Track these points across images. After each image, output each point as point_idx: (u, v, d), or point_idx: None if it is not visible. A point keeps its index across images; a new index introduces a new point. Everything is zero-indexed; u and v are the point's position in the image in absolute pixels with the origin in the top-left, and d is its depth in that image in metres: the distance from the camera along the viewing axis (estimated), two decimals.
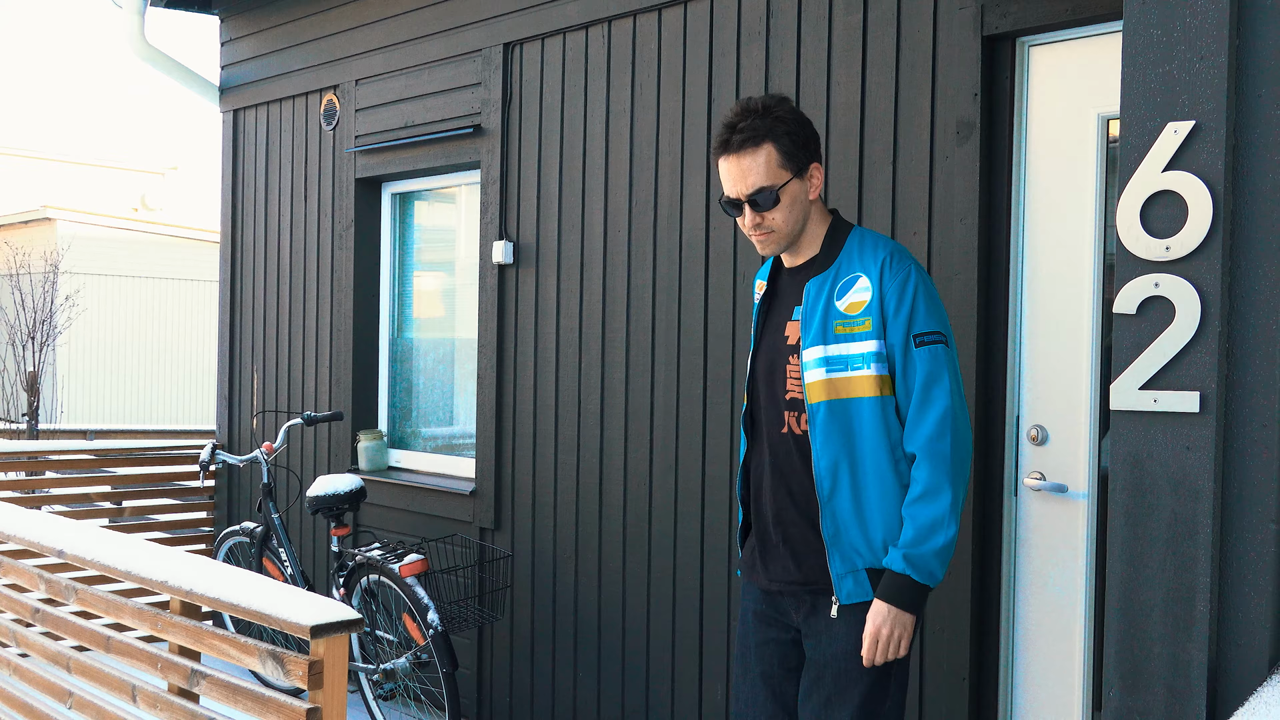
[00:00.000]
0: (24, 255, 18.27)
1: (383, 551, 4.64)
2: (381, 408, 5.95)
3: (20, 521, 3.33)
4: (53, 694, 3.12)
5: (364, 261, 5.90)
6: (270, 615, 2.35)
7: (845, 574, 2.54)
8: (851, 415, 2.53)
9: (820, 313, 2.58)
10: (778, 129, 2.62)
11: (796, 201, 2.64)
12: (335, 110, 5.98)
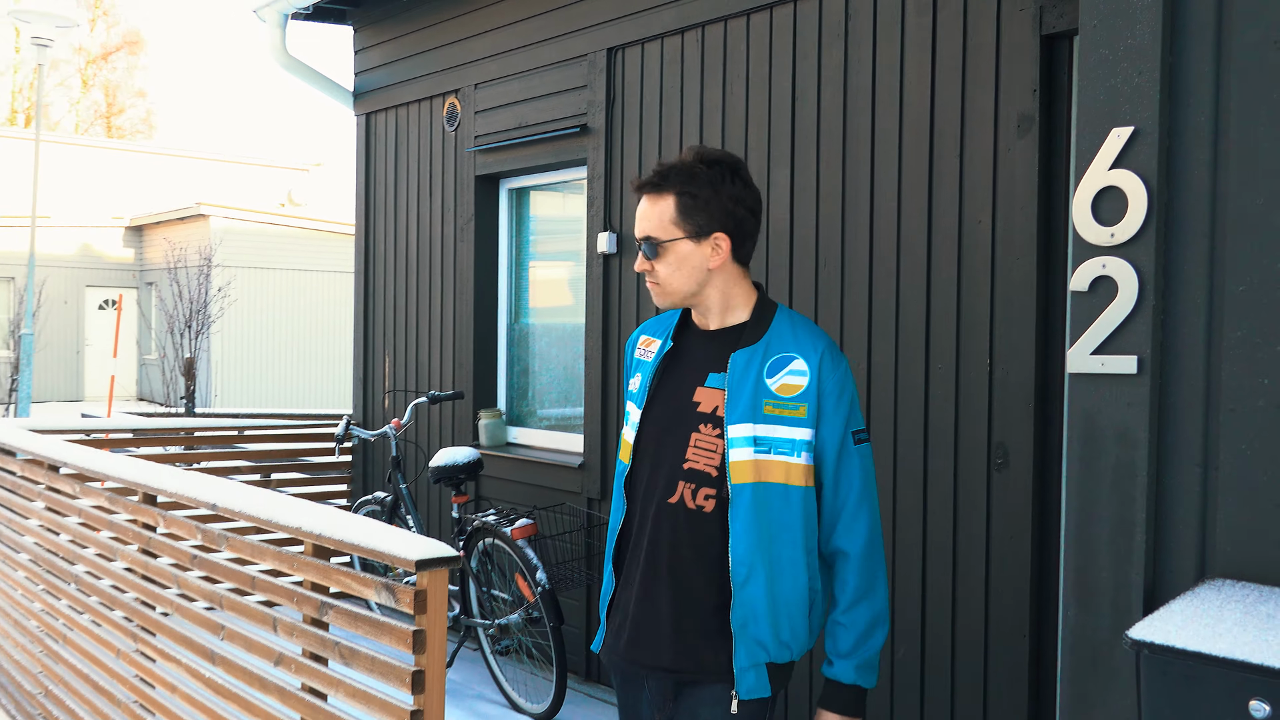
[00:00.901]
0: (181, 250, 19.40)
1: (497, 517, 5.10)
2: (500, 388, 6.43)
3: (179, 480, 3.87)
4: (208, 628, 3.64)
5: (483, 252, 6.38)
6: (384, 552, 2.79)
7: (749, 668, 2.37)
8: (777, 502, 2.37)
9: (750, 388, 2.40)
10: (692, 186, 2.45)
11: (685, 263, 2.45)
12: (457, 112, 6.47)
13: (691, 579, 2.41)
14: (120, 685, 4.17)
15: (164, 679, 3.85)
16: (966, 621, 3.97)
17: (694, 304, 2.51)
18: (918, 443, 4.13)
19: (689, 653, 2.40)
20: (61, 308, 23.75)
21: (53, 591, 4.84)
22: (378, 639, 2.84)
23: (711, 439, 2.42)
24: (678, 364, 2.54)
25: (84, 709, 4.47)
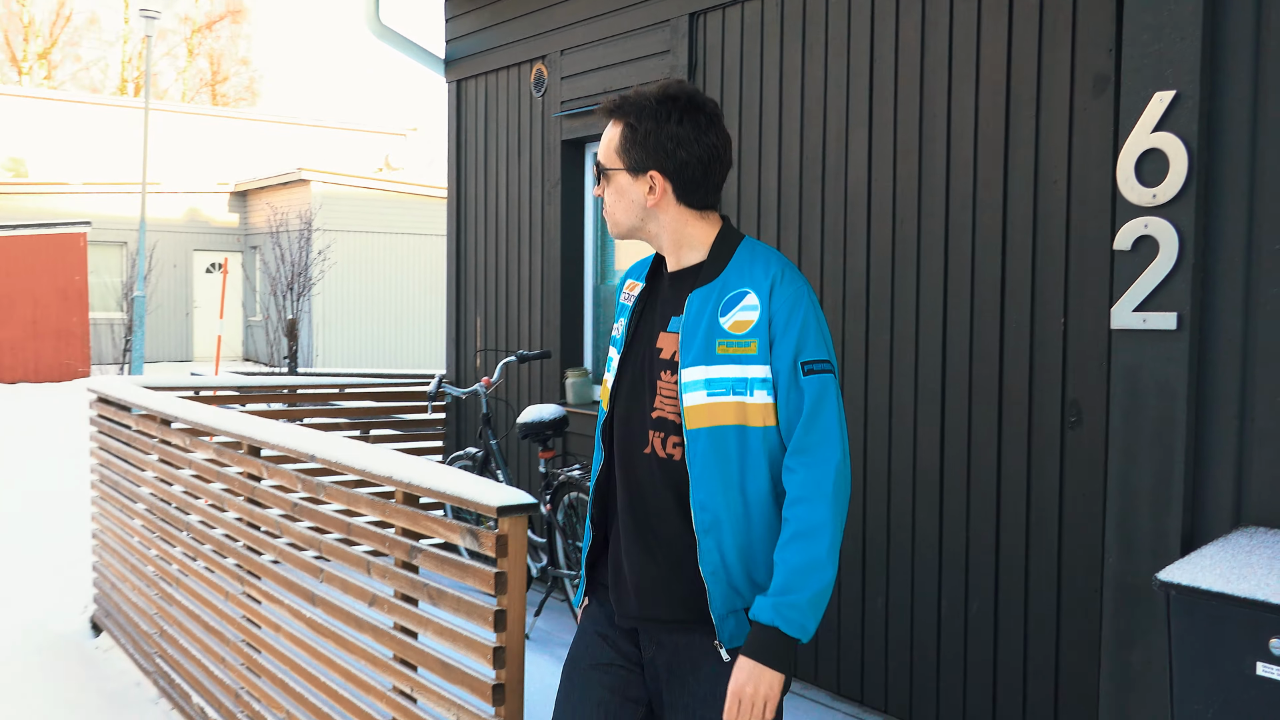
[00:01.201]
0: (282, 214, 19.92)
1: (582, 471, 5.28)
2: (586, 346, 6.60)
3: (282, 433, 4.11)
4: (309, 571, 3.88)
5: (569, 215, 6.53)
6: (468, 499, 2.97)
7: (727, 615, 2.30)
8: (735, 444, 2.30)
9: (704, 329, 2.33)
10: (636, 118, 2.36)
11: (624, 196, 2.40)
12: (544, 79, 6.62)
13: (671, 528, 2.34)
14: (229, 625, 4.45)
15: (269, 619, 4.11)
16: (1039, 578, 4.04)
17: (643, 239, 2.45)
18: (992, 401, 4.20)
19: (674, 603, 2.33)
20: (171, 271, 24.57)
21: (167, 538, 5.15)
22: (463, 581, 3.03)
23: (671, 385, 2.35)
24: (650, 308, 2.47)
25: (195, 647, 4.78)
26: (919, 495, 4.48)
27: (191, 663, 4.79)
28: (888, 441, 4.61)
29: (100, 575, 6.24)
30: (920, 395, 4.48)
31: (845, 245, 4.79)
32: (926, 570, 4.46)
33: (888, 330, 4.60)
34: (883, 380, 4.63)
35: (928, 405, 4.45)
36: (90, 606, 6.46)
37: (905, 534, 4.54)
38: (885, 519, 4.61)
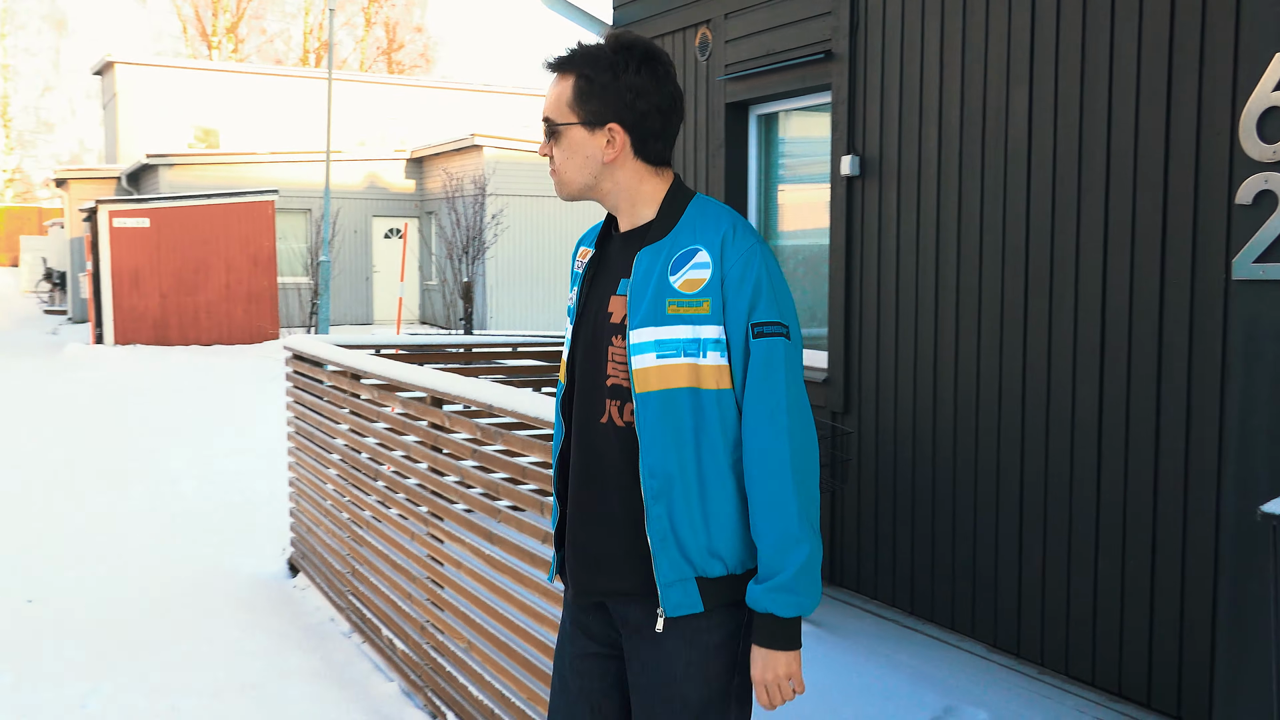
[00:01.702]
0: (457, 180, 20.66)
1: None
2: None
3: (461, 384, 4.50)
4: (488, 512, 4.27)
5: (733, 177, 6.77)
6: None
7: (673, 583, 2.26)
8: (687, 408, 2.25)
9: (652, 289, 2.27)
10: (590, 69, 2.31)
11: (578, 151, 2.33)
12: (708, 43, 6.85)
13: (625, 498, 2.31)
14: (415, 564, 4.90)
15: (451, 557, 4.52)
16: (1196, 533, 4.12)
17: (595, 198, 2.38)
18: (1151, 355, 4.28)
19: (629, 574, 2.31)
20: (351, 237, 25.76)
21: (359, 485, 5.65)
22: None
23: (623, 350, 2.30)
24: (601, 273, 2.42)
25: (384, 585, 5.25)
26: (1077, 450, 4.59)
27: (381, 599, 5.27)
28: (1045, 396, 4.73)
29: (296, 520, 6.83)
30: (1079, 350, 4.58)
31: (1004, 204, 4.90)
32: (1084, 523, 4.57)
33: (1047, 286, 4.71)
34: (1041, 336, 4.74)
35: (1086, 359, 4.55)
36: (287, 549, 7.07)
37: (1063, 488, 4.66)
38: (1043, 473, 4.74)
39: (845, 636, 5.14)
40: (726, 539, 2.27)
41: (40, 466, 9.84)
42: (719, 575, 2.27)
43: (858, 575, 5.77)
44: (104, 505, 8.42)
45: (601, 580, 2.36)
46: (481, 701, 4.15)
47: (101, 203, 19.76)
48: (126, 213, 20.02)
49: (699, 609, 2.25)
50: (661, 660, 2.30)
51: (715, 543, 2.26)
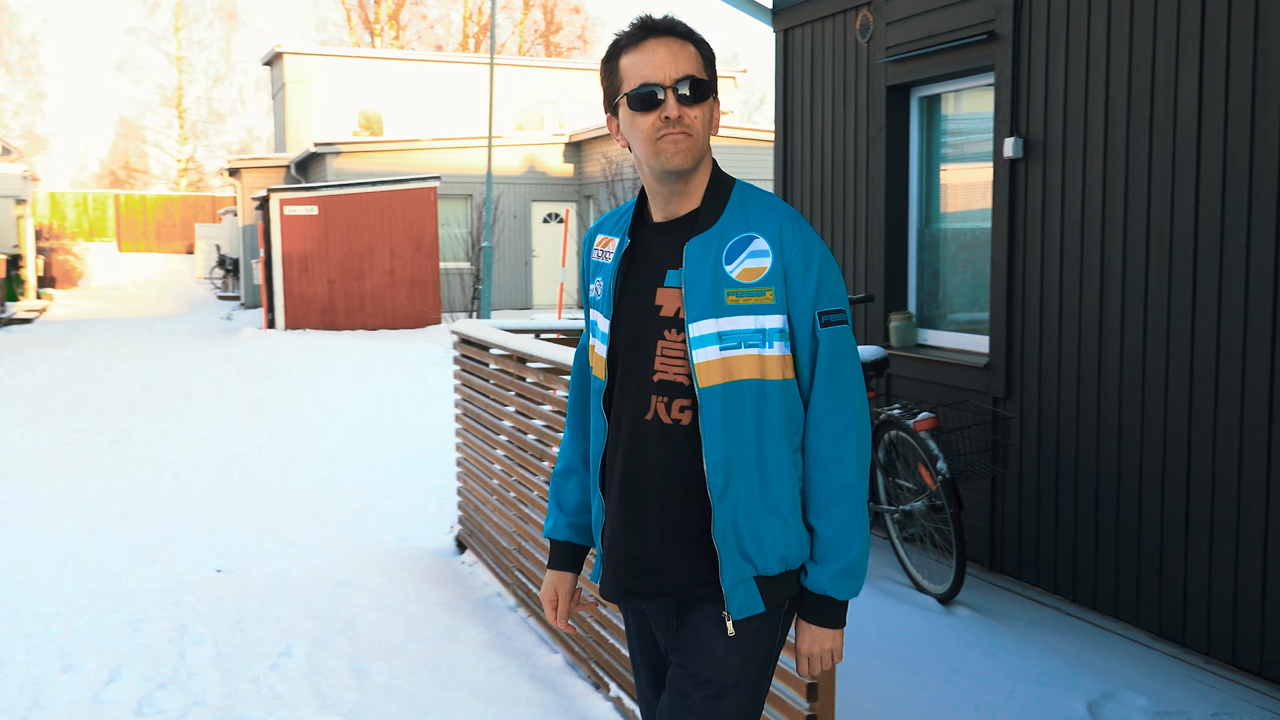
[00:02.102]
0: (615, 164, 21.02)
1: (901, 411, 5.69)
2: (910, 291, 6.95)
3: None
4: None
5: (894, 160, 6.88)
6: None
7: (737, 584, 2.29)
8: (752, 401, 2.26)
9: (708, 279, 2.26)
10: (705, 45, 2.35)
11: (711, 118, 2.32)
12: (869, 25, 6.97)
13: (677, 498, 2.31)
14: None
15: None
16: None
17: (685, 177, 2.32)
18: None
19: (683, 575, 2.33)
20: (511, 222, 26.44)
21: (526, 466, 5.99)
22: None
23: (677, 344, 2.29)
24: (637, 264, 2.39)
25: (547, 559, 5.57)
26: (1246, 435, 4.61)
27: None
28: (1214, 383, 4.74)
29: (464, 499, 7.23)
30: (1250, 336, 4.59)
31: (1173, 186, 4.92)
32: (1253, 512, 4.59)
33: (1216, 270, 4.72)
34: (1209, 322, 4.76)
35: (1257, 345, 4.56)
36: (455, 527, 7.49)
37: (1231, 474, 4.67)
38: (1210, 459, 4.76)
39: (1004, 622, 5.25)
40: (789, 535, 2.30)
41: (223, 447, 10.56)
42: (778, 573, 2.31)
43: (1018, 562, 5.85)
44: (280, 484, 9.02)
45: (643, 583, 2.37)
46: None
47: (273, 191, 20.81)
48: (296, 200, 21.02)
49: (761, 609, 2.30)
50: (701, 643, 2.34)
51: (779, 540, 2.29)
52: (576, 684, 4.84)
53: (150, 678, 4.87)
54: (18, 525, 7.46)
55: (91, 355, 17.11)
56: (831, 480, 2.28)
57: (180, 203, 45.16)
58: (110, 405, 12.65)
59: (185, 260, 41.49)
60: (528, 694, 4.67)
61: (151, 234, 44.56)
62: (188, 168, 54.71)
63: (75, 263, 32.69)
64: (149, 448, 10.35)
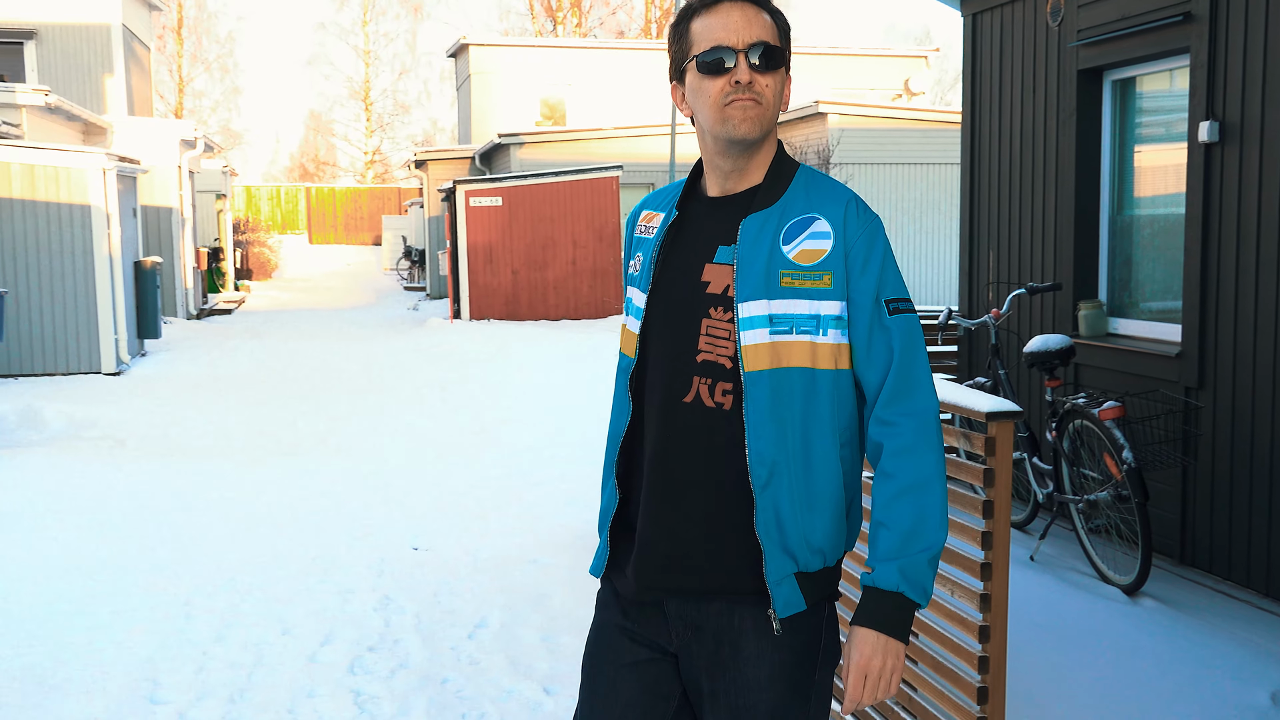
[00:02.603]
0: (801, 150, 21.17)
1: (1086, 400, 5.81)
2: (1101, 279, 7.02)
3: None
4: None
5: (1085, 145, 6.96)
6: (961, 406, 3.72)
7: (781, 581, 2.20)
8: (801, 390, 2.20)
9: (764, 258, 2.21)
10: (778, 13, 2.30)
11: (781, 90, 2.27)
12: (1060, 8, 7.06)
13: (715, 487, 2.23)
14: None
15: None
16: None
17: (755, 150, 2.28)
18: None
19: (719, 571, 2.24)
20: None
21: None
22: (957, 476, 3.81)
23: (724, 324, 2.22)
24: (683, 238, 2.33)
25: None
26: None
27: None
28: None
29: None
30: None
31: None
32: None
33: None
34: None
35: None
36: None
37: None
38: None
39: (1190, 613, 5.34)
40: (829, 531, 2.24)
41: (414, 433, 11.25)
42: (818, 569, 2.24)
43: (1210, 554, 5.90)
44: (469, 468, 9.60)
45: (676, 578, 2.26)
46: None
47: (459, 183, 21.70)
48: (481, 191, 21.87)
49: (803, 607, 2.21)
50: (742, 665, 2.24)
51: (818, 535, 2.22)
52: None
53: (359, 642, 5.39)
54: (234, 503, 8.19)
55: (288, 344, 18.22)
56: (912, 470, 2.18)
57: (368, 195, 47.16)
58: (309, 392, 13.54)
59: (372, 252, 43.30)
60: None
61: (340, 226, 46.68)
62: (374, 160, 56.99)
63: (269, 255, 34.57)
64: (347, 432, 11.10)
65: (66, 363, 14.33)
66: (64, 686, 4.87)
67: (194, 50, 52.32)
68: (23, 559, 6.69)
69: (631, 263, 2.44)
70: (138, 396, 12.84)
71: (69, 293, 14.24)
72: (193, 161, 22.72)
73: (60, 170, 13.99)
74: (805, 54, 33.98)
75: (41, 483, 8.55)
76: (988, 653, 3.61)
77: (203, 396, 13.03)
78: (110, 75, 23.39)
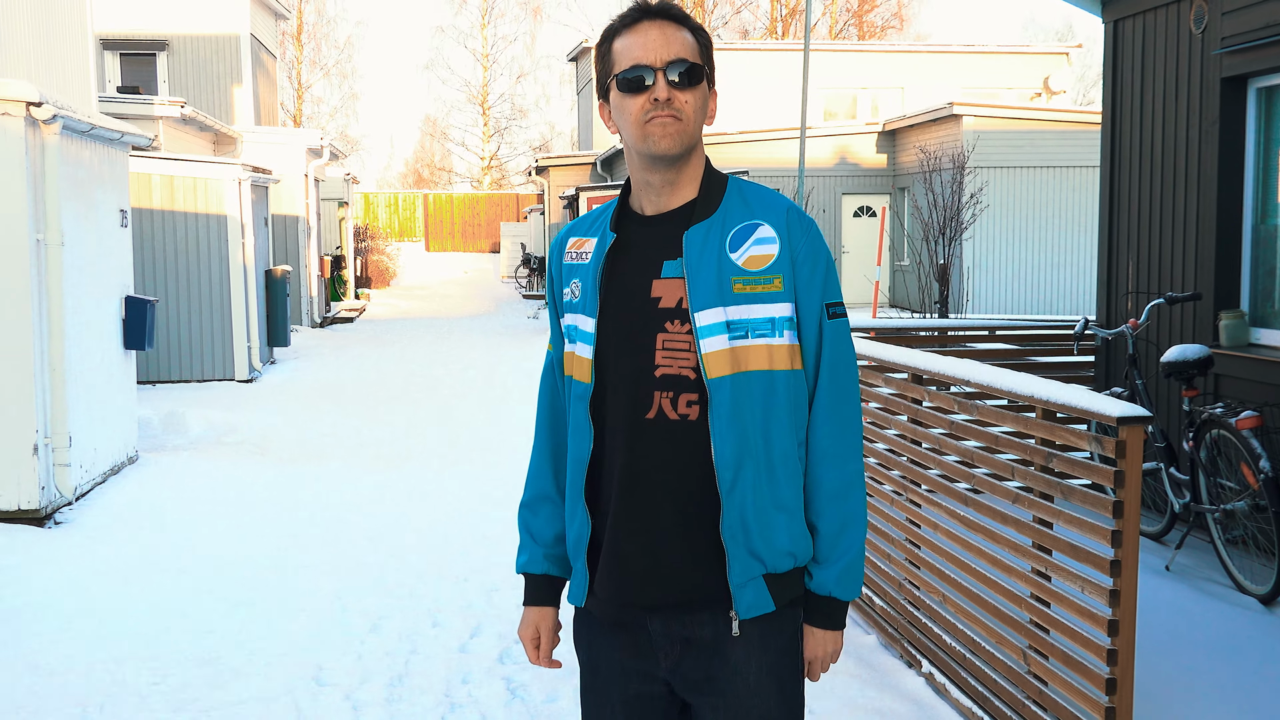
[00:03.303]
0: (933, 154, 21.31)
1: (1224, 410, 6.07)
2: (1243, 288, 7.23)
3: (942, 363, 5.41)
4: (962, 478, 5.16)
5: (1227, 153, 7.18)
6: (1093, 411, 4.05)
7: (745, 583, 2.37)
8: (761, 392, 2.36)
9: (713, 267, 2.36)
10: (700, 31, 2.45)
11: (703, 105, 2.42)
12: (1204, 15, 7.30)
13: (685, 498, 2.38)
14: (894, 527, 5.87)
15: (928, 519, 5.46)
16: None
17: (678, 166, 2.43)
18: None
19: (697, 580, 2.39)
20: (821, 216, 27.10)
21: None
22: (1088, 478, 4.15)
23: (682, 336, 2.37)
24: (624, 259, 2.46)
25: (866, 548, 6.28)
26: None
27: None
28: None
29: None
30: None
31: None
32: None
33: None
34: None
35: None
36: None
37: None
38: None
39: None
40: (795, 531, 2.42)
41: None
42: (787, 570, 2.43)
43: None
44: None
45: (652, 591, 2.40)
46: (954, 647, 5.06)
47: (582, 189, 22.32)
48: (605, 198, 22.48)
49: (771, 608, 2.40)
50: (730, 674, 2.42)
51: (785, 536, 2.40)
52: (890, 661, 5.53)
53: (506, 635, 5.89)
54: (376, 505, 8.79)
55: (412, 352, 18.99)
56: (837, 476, 2.43)
57: (485, 201, 48.25)
58: (435, 400, 14.20)
59: (489, 259, 44.27)
60: (842, 665, 5.39)
61: (457, 233, 47.83)
62: (490, 165, 58.20)
63: (388, 263, 35.66)
64: (474, 440, 11.68)
65: (201, 370, 15.19)
66: (239, 669, 5.46)
67: (312, 56, 54.09)
68: (184, 556, 7.35)
69: (566, 290, 2.55)
70: (272, 403, 13.63)
71: (205, 301, 15.09)
72: (318, 170, 23.71)
73: (198, 181, 14.86)
74: (937, 52, 34.03)
75: (192, 484, 9.26)
76: (1116, 646, 3.94)
77: (334, 403, 13.78)
78: (239, 85, 24.56)
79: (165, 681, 5.32)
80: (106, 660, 5.56)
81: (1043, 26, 59.36)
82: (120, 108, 17.23)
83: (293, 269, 21.18)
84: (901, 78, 33.31)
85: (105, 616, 6.18)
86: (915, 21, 55.80)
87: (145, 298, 9.97)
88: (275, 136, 22.53)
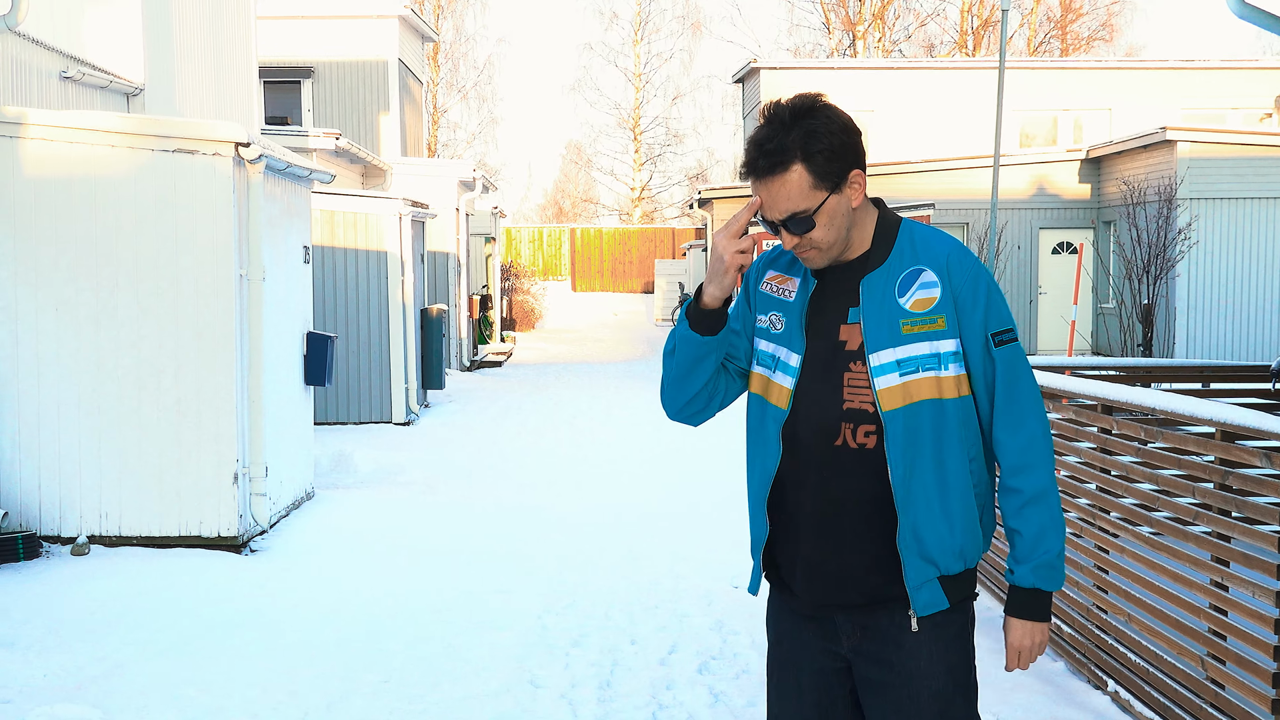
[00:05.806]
0: (1140, 184, 21.44)
1: None
2: None
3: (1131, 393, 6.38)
4: (1146, 500, 6.13)
5: None
6: (1267, 430, 5.03)
7: (921, 585, 3.07)
8: (931, 419, 3.04)
9: (886, 312, 3.04)
10: (810, 146, 2.96)
11: (837, 216, 3.04)
12: None
13: (862, 514, 3.10)
14: (1082, 554, 6.86)
15: (1113, 543, 6.45)
16: None
17: (837, 251, 3.11)
18: None
19: (878, 583, 3.12)
20: (1015, 253, 27.41)
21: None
22: (1260, 493, 5.14)
23: (861, 375, 3.07)
24: (820, 303, 3.17)
25: None
26: None
27: None
28: None
29: None
30: None
31: None
32: None
33: None
34: None
35: None
36: None
37: None
38: None
39: None
40: (966, 537, 3.13)
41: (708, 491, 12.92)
42: (959, 572, 3.16)
43: None
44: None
45: (844, 593, 3.17)
46: (1137, 664, 6.04)
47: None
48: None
49: (945, 605, 3.12)
50: (904, 658, 3.14)
51: (957, 542, 3.11)
52: (1077, 684, 6.51)
53: (702, 653, 7.04)
54: (552, 545, 10.01)
55: (566, 398, 20.18)
56: (1031, 484, 3.12)
57: (638, 236, 48.93)
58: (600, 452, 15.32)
59: (642, 300, 45.03)
60: (1031, 684, 6.39)
61: (606, 271, 48.58)
62: (641, 197, 59.15)
63: (534, 303, 37.00)
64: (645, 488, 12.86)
65: (359, 411, 16.56)
66: (455, 671, 6.72)
67: (449, 78, 55.72)
68: (377, 584, 8.67)
69: (764, 318, 3.27)
70: (433, 446, 14.98)
71: (364, 341, 16.45)
72: (468, 203, 25.19)
73: (358, 216, 16.24)
74: (1150, 68, 33.77)
75: (371, 519, 10.59)
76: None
77: (494, 447, 15.11)
78: (385, 113, 26.27)
79: (392, 679, 6.60)
80: (336, 666, 6.86)
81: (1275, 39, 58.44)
82: (275, 139, 18.93)
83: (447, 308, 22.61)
84: (1109, 97, 32.84)
85: (325, 635, 7.49)
86: (1127, 32, 55.10)
87: (325, 334, 11.35)
88: (425, 168, 24.01)
